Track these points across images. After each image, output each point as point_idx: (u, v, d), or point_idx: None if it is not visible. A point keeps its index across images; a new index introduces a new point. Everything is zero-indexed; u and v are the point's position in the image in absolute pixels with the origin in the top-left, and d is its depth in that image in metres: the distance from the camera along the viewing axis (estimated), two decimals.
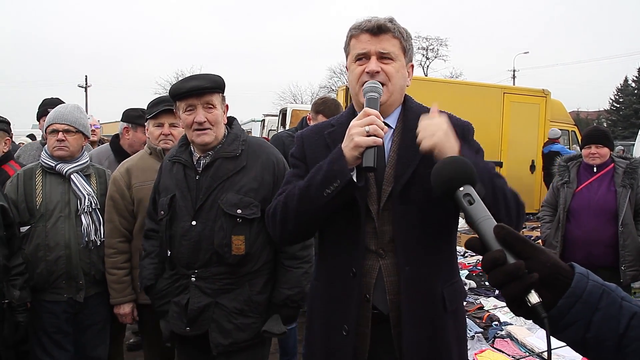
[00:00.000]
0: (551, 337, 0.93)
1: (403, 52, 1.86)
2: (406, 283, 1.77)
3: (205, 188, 2.49)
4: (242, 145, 2.57)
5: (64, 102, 4.44)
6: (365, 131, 1.60)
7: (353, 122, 1.67)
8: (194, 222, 2.48)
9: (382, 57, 1.81)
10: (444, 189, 1.16)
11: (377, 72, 1.79)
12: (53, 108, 3.51)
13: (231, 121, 2.69)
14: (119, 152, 3.86)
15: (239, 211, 2.45)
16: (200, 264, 2.48)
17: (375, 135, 1.60)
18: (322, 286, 1.94)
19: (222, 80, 2.57)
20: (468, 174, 1.15)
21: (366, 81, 1.78)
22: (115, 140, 4.09)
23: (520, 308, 0.95)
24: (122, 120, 4.04)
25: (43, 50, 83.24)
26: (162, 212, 2.57)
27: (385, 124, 1.73)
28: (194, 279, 2.49)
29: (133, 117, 3.90)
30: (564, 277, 0.94)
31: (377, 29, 1.81)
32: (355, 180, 1.66)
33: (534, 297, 0.92)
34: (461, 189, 1.12)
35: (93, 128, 4.69)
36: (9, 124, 3.87)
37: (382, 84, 1.79)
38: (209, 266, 2.47)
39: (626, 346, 0.91)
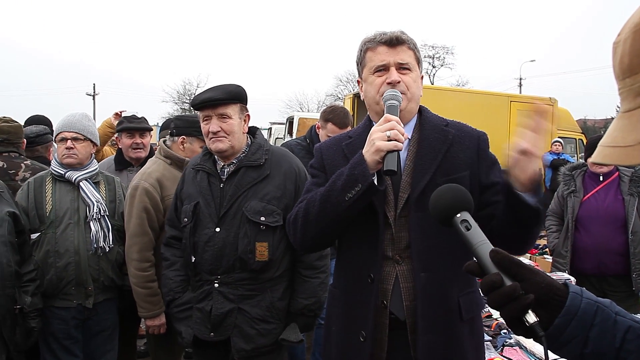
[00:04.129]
0: (552, 353, 0.98)
1: (417, 62, 1.92)
2: (422, 289, 1.78)
3: (229, 196, 2.55)
4: (265, 154, 2.63)
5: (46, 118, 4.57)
6: (386, 136, 1.63)
7: (374, 128, 1.70)
8: (217, 229, 2.54)
9: (401, 67, 1.86)
10: (443, 216, 1.21)
11: (398, 82, 1.83)
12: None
13: (254, 131, 2.74)
14: (121, 162, 3.87)
15: (262, 218, 2.50)
16: (224, 270, 2.53)
17: (396, 140, 1.63)
18: (339, 292, 1.96)
19: (241, 90, 2.61)
20: (465, 201, 1.21)
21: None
22: (118, 150, 4.10)
23: (519, 328, 0.99)
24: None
25: (51, 60, 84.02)
26: (186, 219, 2.62)
27: None
28: (217, 284, 2.54)
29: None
30: (559, 297, 0.98)
31: (395, 41, 1.85)
32: (376, 184, 1.68)
33: (531, 317, 0.97)
34: (458, 215, 1.17)
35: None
36: None
37: (402, 93, 1.82)
38: (232, 272, 2.52)
39: (624, 359, 0.95)
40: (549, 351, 0.97)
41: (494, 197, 1.80)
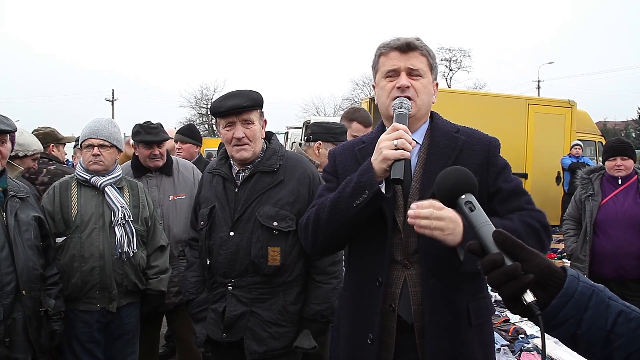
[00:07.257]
0: (547, 333, 1.02)
1: (430, 69, 1.94)
2: (429, 294, 1.80)
3: (243, 200, 2.59)
4: (280, 159, 2.67)
5: None
6: (393, 145, 1.67)
7: (382, 137, 1.74)
8: (231, 233, 2.58)
9: (411, 73, 1.89)
10: (447, 197, 1.26)
11: (408, 87, 1.86)
12: None
13: (270, 136, 2.79)
14: (138, 168, 3.90)
15: (275, 223, 2.54)
16: (237, 274, 2.57)
17: (403, 149, 1.66)
18: (348, 296, 2.00)
19: (260, 96, 2.66)
20: (469, 183, 1.25)
21: (397, 96, 1.86)
22: (135, 157, 3.97)
23: (516, 307, 1.03)
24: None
25: (71, 66, 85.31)
26: (202, 222, 2.69)
27: (413, 139, 1.77)
28: (230, 287, 2.59)
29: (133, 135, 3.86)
30: (557, 279, 1.02)
31: (407, 47, 1.89)
32: (383, 191, 1.72)
33: (529, 297, 1.00)
34: (463, 196, 1.21)
35: None
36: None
37: (411, 99, 1.85)
38: (245, 276, 2.56)
39: (613, 341, 0.99)
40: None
41: (497, 205, 1.83)
